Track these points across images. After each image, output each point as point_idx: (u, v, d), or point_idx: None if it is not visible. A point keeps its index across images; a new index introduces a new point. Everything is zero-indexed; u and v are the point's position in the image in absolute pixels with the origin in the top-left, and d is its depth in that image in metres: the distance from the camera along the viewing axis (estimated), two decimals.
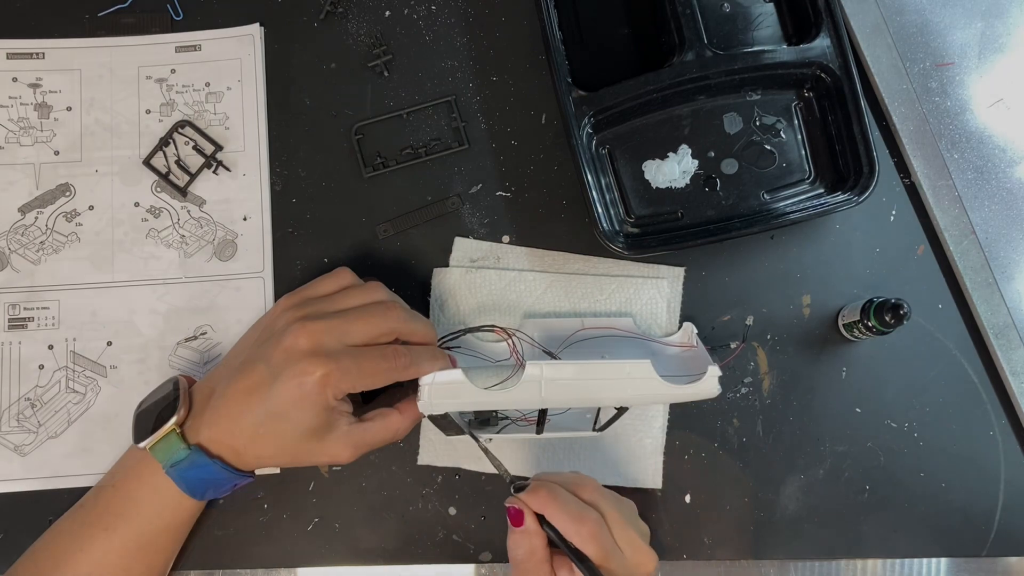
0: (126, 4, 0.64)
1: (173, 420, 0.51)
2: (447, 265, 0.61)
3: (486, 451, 0.51)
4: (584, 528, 0.45)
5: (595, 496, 0.47)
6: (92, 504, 0.53)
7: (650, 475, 0.59)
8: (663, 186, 0.60)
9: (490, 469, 0.58)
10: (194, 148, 0.62)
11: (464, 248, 0.61)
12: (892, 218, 0.62)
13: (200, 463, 0.50)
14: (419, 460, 0.59)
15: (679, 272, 0.60)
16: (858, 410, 0.60)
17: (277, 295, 0.61)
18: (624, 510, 0.48)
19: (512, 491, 0.48)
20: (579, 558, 0.45)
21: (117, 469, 0.54)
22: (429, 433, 0.59)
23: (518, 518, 0.47)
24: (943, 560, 0.59)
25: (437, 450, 0.59)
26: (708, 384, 0.51)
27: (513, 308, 0.60)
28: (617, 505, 0.48)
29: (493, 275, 0.60)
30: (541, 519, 0.46)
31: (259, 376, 0.50)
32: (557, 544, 0.46)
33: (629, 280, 0.60)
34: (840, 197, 0.58)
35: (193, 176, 0.62)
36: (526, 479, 0.49)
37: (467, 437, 0.54)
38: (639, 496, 0.57)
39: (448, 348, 0.55)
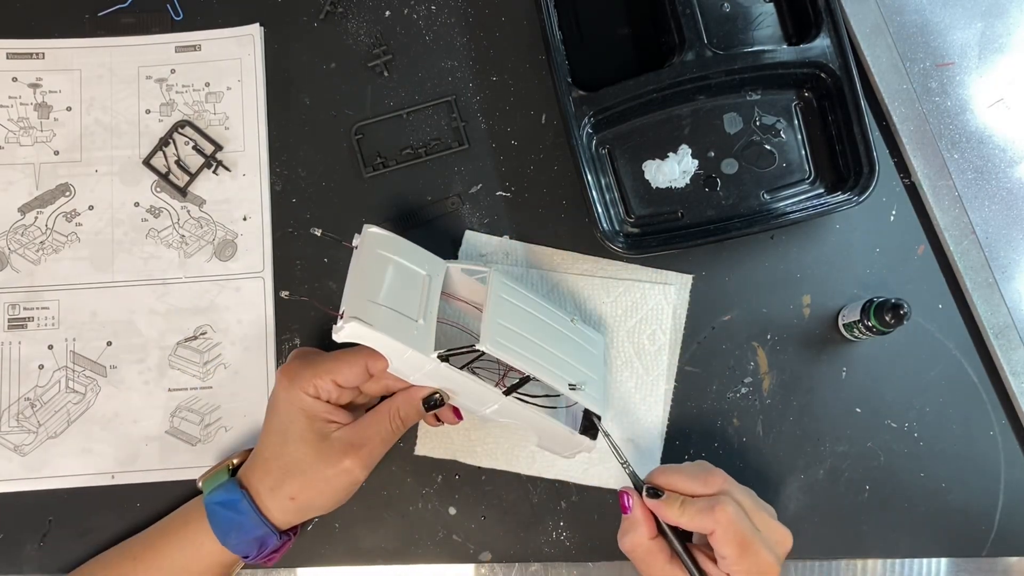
0: (126, 4, 0.64)
1: (234, 459, 0.56)
2: (455, 258, 0.61)
3: (608, 438, 0.53)
4: (720, 516, 0.47)
5: (725, 485, 0.49)
6: (136, 538, 0.56)
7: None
8: (663, 186, 0.60)
9: (487, 464, 0.58)
10: (194, 148, 0.62)
11: (473, 242, 0.61)
12: (892, 218, 0.62)
13: (232, 496, 0.52)
14: (416, 450, 0.59)
15: (687, 279, 0.60)
16: (858, 410, 0.60)
17: (277, 295, 0.61)
18: (749, 497, 0.50)
19: (644, 494, 0.50)
20: (688, 554, 0.49)
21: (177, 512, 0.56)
22: (426, 426, 0.59)
23: (626, 506, 0.50)
24: (943, 560, 0.59)
25: (434, 442, 0.59)
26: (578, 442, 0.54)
27: None
28: (745, 490, 0.50)
29: (500, 271, 0.60)
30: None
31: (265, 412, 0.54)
32: (667, 536, 0.49)
33: (636, 284, 0.60)
34: (840, 197, 0.58)
35: (193, 176, 0.62)
36: (638, 477, 0.51)
37: (467, 427, 0.55)
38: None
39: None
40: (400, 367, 0.50)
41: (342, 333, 0.47)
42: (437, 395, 0.52)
